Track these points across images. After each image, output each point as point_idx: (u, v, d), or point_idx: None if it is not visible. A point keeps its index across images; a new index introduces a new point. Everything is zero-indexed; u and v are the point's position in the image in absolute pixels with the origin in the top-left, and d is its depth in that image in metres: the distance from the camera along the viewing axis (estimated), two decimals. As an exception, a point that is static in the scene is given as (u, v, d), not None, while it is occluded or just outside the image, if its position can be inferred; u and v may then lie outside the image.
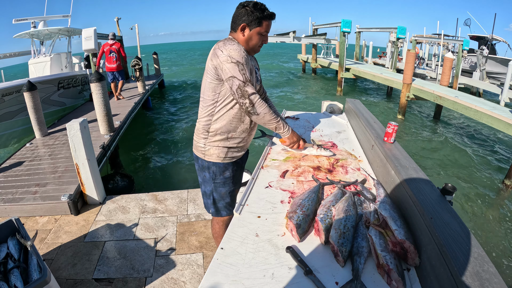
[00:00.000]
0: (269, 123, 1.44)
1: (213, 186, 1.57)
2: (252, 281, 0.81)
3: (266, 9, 1.40)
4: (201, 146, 1.51)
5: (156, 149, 6.30)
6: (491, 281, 0.64)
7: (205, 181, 1.59)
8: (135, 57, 8.26)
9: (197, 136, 1.53)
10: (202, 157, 1.53)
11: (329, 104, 2.62)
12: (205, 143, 1.49)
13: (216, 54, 1.33)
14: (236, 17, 1.40)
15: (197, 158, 1.58)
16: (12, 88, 5.05)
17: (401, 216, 0.98)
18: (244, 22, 1.37)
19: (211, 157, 1.50)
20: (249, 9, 1.36)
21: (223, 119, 1.43)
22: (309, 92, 12.49)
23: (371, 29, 14.86)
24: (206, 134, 1.48)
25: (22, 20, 7.51)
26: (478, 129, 7.91)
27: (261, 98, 1.40)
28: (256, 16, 1.36)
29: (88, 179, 2.78)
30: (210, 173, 1.54)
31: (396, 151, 1.34)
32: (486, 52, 11.48)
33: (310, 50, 16.48)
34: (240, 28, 1.38)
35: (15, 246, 1.69)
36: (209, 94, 1.41)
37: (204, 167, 1.55)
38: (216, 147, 1.48)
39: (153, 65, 12.30)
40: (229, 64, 1.30)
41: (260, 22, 1.38)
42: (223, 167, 1.52)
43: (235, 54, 1.30)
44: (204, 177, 1.59)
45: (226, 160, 1.52)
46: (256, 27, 1.38)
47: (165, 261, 2.12)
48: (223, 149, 1.49)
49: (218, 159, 1.50)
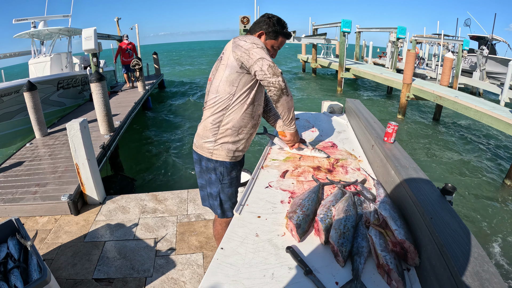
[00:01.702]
0: (292, 108, 1.45)
1: (220, 187, 1.56)
2: (252, 281, 0.81)
3: (286, 28, 1.49)
4: (210, 144, 1.49)
5: (156, 149, 6.30)
6: (491, 281, 0.64)
7: (211, 182, 1.57)
8: (135, 57, 8.26)
9: (205, 135, 1.51)
10: (209, 157, 1.51)
11: (329, 104, 2.61)
12: (215, 140, 1.48)
13: (238, 44, 1.35)
14: (258, 23, 1.47)
15: (201, 158, 1.55)
16: (11, 89, 5.05)
17: (401, 216, 0.98)
18: (262, 30, 1.44)
19: (219, 156, 1.49)
20: (272, 21, 1.44)
21: (237, 113, 1.43)
22: (309, 92, 12.49)
23: (371, 29, 14.86)
24: (216, 130, 1.47)
25: (22, 20, 7.51)
26: (478, 129, 7.91)
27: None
28: (275, 29, 1.44)
29: (88, 179, 2.78)
30: (217, 174, 1.53)
31: (396, 151, 1.34)
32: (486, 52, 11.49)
33: (310, 50, 16.48)
34: (258, 34, 1.45)
35: (15, 246, 1.69)
36: (225, 88, 1.40)
37: (209, 169, 1.54)
38: (226, 144, 1.48)
39: (153, 65, 12.30)
40: (256, 49, 1.32)
41: (277, 36, 1.46)
42: (230, 167, 1.52)
43: (259, 42, 1.35)
44: (209, 179, 1.57)
45: (233, 160, 1.52)
46: (272, 39, 1.46)
47: (165, 261, 2.12)
48: (232, 147, 1.49)
49: (227, 158, 1.50)
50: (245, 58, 1.32)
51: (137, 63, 7.93)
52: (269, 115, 1.82)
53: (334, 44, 14.86)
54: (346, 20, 11.05)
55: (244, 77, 1.38)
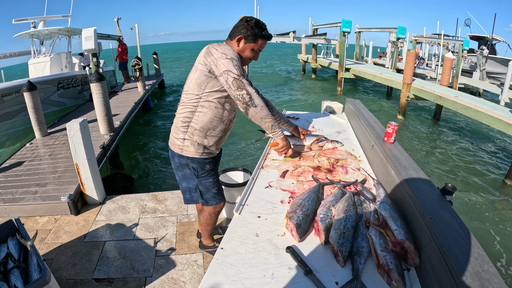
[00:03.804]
0: (266, 118, 1.38)
1: (198, 181, 1.60)
2: (252, 281, 0.81)
3: (265, 30, 1.47)
4: (180, 141, 1.52)
5: (156, 149, 6.30)
6: (491, 281, 0.64)
7: (187, 177, 1.62)
8: (135, 57, 8.26)
9: (176, 131, 1.54)
10: (180, 153, 1.54)
11: (329, 104, 2.62)
12: (184, 138, 1.51)
13: (210, 52, 1.36)
14: (236, 28, 1.46)
15: (173, 154, 1.59)
16: (12, 89, 5.05)
17: (401, 216, 0.98)
18: (241, 34, 1.44)
19: (189, 152, 1.52)
20: (250, 24, 1.43)
21: (205, 116, 1.45)
22: (309, 92, 12.49)
23: (371, 29, 14.86)
24: (186, 129, 1.50)
25: (22, 20, 7.51)
26: (478, 129, 7.91)
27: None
28: (254, 33, 1.43)
29: (88, 179, 2.78)
30: (191, 169, 1.57)
31: (396, 151, 1.34)
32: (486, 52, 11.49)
33: (310, 50, 16.48)
34: (237, 39, 1.45)
35: (15, 246, 1.69)
36: (194, 89, 1.43)
37: (182, 165, 1.58)
38: (195, 142, 1.51)
39: (153, 65, 12.30)
40: (224, 60, 1.33)
41: (256, 39, 1.45)
42: (202, 162, 1.56)
43: (229, 53, 1.35)
44: (184, 174, 1.61)
45: (204, 155, 1.55)
46: (251, 42, 1.45)
47: (165, 261, 2.12)
48: (200, 145, 1.52)
49: (197, 154, 1.53)
50: (213, 67, 1.35)
51: (137, 63, 7.93)
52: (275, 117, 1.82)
53: (334, 44, 14.86)
54: (346, 20, 11.05)
55: (212, 81, 1.40)
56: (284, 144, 1.52)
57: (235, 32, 1.46)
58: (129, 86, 9.24)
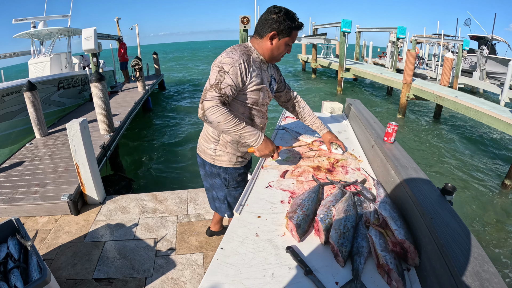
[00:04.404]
0: (228, 132, 1.23)
1: (227, 192, 1.56)
2: (252, 281, 0.81)
3: (297, 19, 1.31)
4: (211, 150, 1.48)
5: (156, 149, 6.30)
6: (491, 281, 0.64)
7: (216, 187, 1.57)
8: (135, 57, 8.26)
9: (206, 140, 1.48)
10: (212, 162, 1.49)
11: (329, 104, 2.61)
12: (216, 148, 1.46)
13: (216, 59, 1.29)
14: (265, 23, 1.29)
15: (204, 162, 1.54)
16: (12, 89, 5.05)
17: (401, 216, 0.98)
18: (274, 30, 1.28)
19: (222, 162, 1.48)
20: (281, 17, 1.26)
21: None
22: (309, 92, 12.49)
23: (371, 29, 14.86)
24: (217, 140, 1.44)
25: (22, 20, 7.51)
26: (478, 129, 7.91)
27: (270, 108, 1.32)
28: (288, 26, 1.28)
29: (88, 179, 2.78)
30: (222, 180, 1.52)
31: (396, 151, 1.34)
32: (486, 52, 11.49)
33: (310, 50, 16.49)
34: (270, 36, 1.29)
35: (15, 246, 1.69)
36: None
37: (213, 174, 1.53)
38: (227, 153, 1.47)
39: (153, 65, 12.30)
40: (214, 68, 1.25)
41: (290, 32, 1.30)
42: (234, 172, 1.51)
43: (226, 63, 1.23)
44: (214, 183, 1.57)
45: (237, 165, 1.51)
46: (285, 37, 1.31)
47: (165, 261, 2.12)
48: (233, 156, 1.48)
49: (230, 164, 1.49)
50: None
51: (137, 63, 7.93)
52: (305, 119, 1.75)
53: (334, 44, 14.87)
54: (346, 20, 11.05)
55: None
56: (263, 154, 1.34)
57: (265, 28, 1.29)
58: (129, 86, 9.24)
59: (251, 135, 1.26)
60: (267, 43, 1.32)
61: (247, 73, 1.27)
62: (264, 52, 1.35)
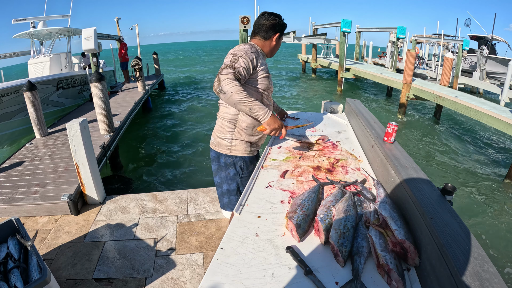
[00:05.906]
0: (239, 103, 1.35)
1: (240, 181, 1.65)
2: (252, 281, 0.80)
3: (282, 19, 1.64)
4: (227, 141, 1.58)
5: (156, 149, 6.30)
6: (491, 281, 0.64)
7: (229, 178, 1.66)
8: (135, 57, 8.26)
9: (221, 131, 1.60)
10: (228, 153, 1.60)
11: (329, 104, 2.61)
12: (232, 137, 1.57)
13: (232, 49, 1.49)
14: (270, 27, 1.56)
15: (219, 156, 1.63)
16: (11, 89, 5.06)
17: (401, 216, 0.98)
18: (278, 32, 1.59)
19: (238, 151, 1.59)
20: (280, 21, 1.58)
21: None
22: (309, 92, 12.50)
23: (371, 29, 14.87)
24: (232, 128, 1.57)
25: (21, 20, 7.51)
26: (478, 129, 7.92)
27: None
28: (284, 27, 1.61)
29: (88, 179, 2.78)
30: (237, 168, 1.62)
31: (396, 151, 1.34)
32: (486, 52, 11.49)
33: (310, 50, 16.48)
34: (276, 37, 1.59)
35: (15, 246, 1.69)
36: None
37: (229, 164, 1.62)
38: (243, 141, 1.58)
39: (153, 65, 12.30)
40: (228, 56, 1.44)
41: (283, 31, 1.63)
42: (249, 160, 1.63)
43: (240, 50, 1.44)
44: (228, 174, 1.65)
45: (251, 154, 1.63)
46: (282, 35, 1.63)
47: (165, 261, 2.12)
48: (248, 143, 1.60)
49: (245, 153, 1.60)
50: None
51: (137, 63, 7.93)
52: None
53: (334, 44, 14.85)
54: (346, 20, 11.05)
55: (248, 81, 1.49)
56: (273, 128, 1.46)
57: (270, 31, 1.57)
58: (129, 86, 9.24)
59: (260, 109, 1.42)
60: (271, 43, 1.60)
61: (257, 61, 1.49)
62: (268, 50, 1.61)
